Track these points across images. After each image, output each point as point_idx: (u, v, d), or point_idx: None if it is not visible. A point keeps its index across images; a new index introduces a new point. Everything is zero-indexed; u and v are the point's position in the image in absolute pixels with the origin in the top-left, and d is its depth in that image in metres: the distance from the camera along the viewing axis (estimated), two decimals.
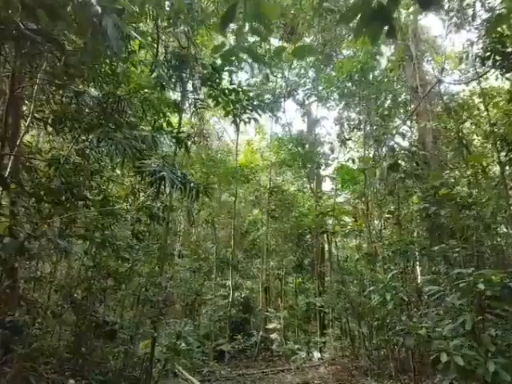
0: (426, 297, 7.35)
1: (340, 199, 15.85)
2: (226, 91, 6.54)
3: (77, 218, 6.67)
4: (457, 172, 9.43)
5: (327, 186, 17.70)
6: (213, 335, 13.83)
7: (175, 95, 8.35)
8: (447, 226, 7.23)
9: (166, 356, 6.46)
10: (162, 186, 5.05)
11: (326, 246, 16.03)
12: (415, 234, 8.48)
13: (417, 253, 7.60)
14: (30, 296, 6.15)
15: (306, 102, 14.67)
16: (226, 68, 6.24)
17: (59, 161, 6.38)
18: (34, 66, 4.56)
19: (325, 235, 16.40)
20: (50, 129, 5.57)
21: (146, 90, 5.76)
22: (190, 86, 6.99)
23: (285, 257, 15.89)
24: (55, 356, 5.63)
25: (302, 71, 13.58)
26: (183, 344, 8.32)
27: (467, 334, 4.66)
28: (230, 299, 14.40)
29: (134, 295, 7.39)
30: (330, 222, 12.79)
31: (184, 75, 6.34)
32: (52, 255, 6.64)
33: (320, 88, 12.80)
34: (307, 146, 13.93)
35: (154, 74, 5.81)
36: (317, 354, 13.41)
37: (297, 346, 13.73)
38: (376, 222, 11.38)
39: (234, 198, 15.12)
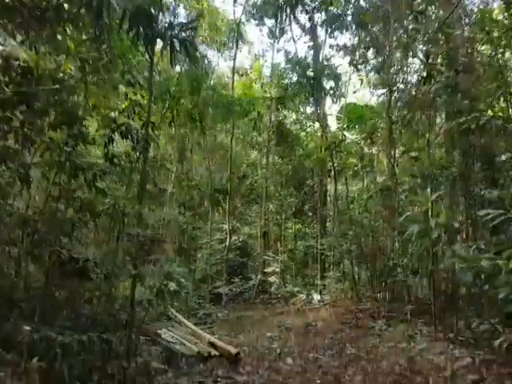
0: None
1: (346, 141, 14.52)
2: None
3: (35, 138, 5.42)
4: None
5: (333, 125, 16.27)
6: (209, 278, 13.23)
7: None
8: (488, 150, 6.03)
9: (150, 297, 5.53)
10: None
11: (330, 190, 15.00)
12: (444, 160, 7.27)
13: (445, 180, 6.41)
14: None
15: (314, 22, 12.65)
16: None
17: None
18: None
19: (328, 178, 15.36)
20: None
21: None
22: None
23: (285, 201, 14.84)
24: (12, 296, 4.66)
25: None
26: (173, 285, 7.47)
27: None
28: (227, 243, 13.59)
29: (112, 230, 6.30)
30: (336, 161, 11.56)
31: None
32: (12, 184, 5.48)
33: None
34: (314, 73, 12.21)
35: None
36: (317, 297, 12.90)
37: (296, 289, 13.19)
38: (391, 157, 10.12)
39: (230, 137, 13.70)
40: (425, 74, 5.92)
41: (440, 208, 6.01)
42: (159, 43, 4.75)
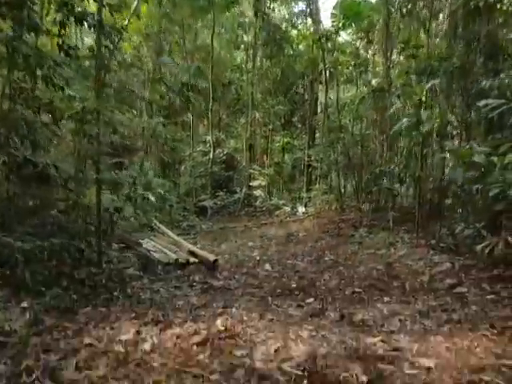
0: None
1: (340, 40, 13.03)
2: None
3: None
4: None
5: (327, 23, 14.50)
6: (194, 192, 13.03)
7: None
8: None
9: (116, 204, 5.15)
10: None
11: (321, 98, 14.03)
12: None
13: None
14: None
15: None
16: None
17: None
18: None
19: (320, 85, 14.25)
20: None
21: None
22: None
23: (272, 110, 13.90)
24: None
25: None
26: (150, 195, 7.13)
27: None
28: (211, 156, 13.06)
29: (77, 134, 5.60)
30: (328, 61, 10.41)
31: None
32: None
33: None
34: None
35: None
36: (301, 209, 12.99)
37: (281, 202, 13.21)
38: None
39: (211, 34, 12.08)
40: None
41: (435, 102, 5.43)
42: None
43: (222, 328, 3.18)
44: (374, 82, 8.95)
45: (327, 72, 10.20)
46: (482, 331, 2.91)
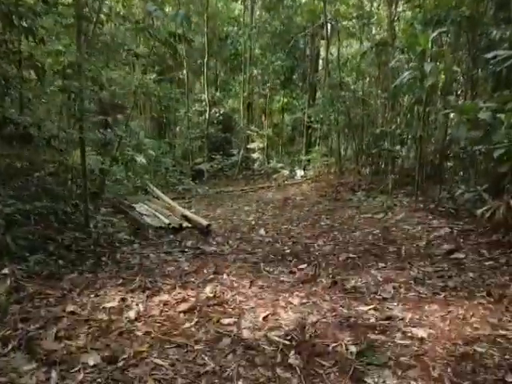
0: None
1: None
2: None
3: None
4: None
5: None
6: (190, 154, 12.72)
7: None
8: None
9: (101, 166, 4.92)
10: None
11: (322, 54, 13.30)
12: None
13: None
14: None
15: None
16: None
17: None
18: None
19: (321, 41, 13.45)
20: None
21: None
22: None
23: (271, 65, 13.20)
24: None
25: None
26: (140, 158, 6.89)
27: None
28: (207, 115, 12.61)
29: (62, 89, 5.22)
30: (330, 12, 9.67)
31: None
32: None
33: None
34: None
35: None
36: (300, 172, 12.78)
37: (279, 165, 12.95)
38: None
39: None
40: None
41: (440, 55, 5.02)
42: None
43: (211, 295, 3.09)
44: (377, 36, 8.33)
45: (329, 25, 9.51)
46: (478, 299, 2.81)
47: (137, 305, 2.87)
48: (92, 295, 3.00)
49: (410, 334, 2.36)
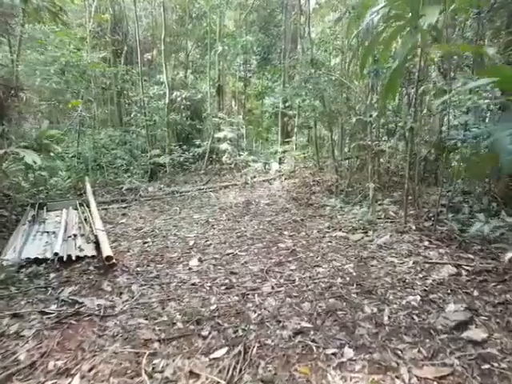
0: None
1: None
2: None
3: None
4: None
5: None
6: (149, 145, 10.95)
7: None
8: None
9: None
10: None
11: (302, 29, 11.51)
12: None
13: None
14: None
15: None
16: None
17: None
18: None
19: (301, 16, 11.65)
20: None
21: None
22: None
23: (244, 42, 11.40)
24: None
25: None
26: (29, 156, 5.15)
27: None
28: (167, 100, 10.80)
29: None
30: None
31: None
32: None
33: None
34: None
35: None
36: (275, 166, 11.17)
37: (252, 157, 11.29)
38: None
39: None
40: None
41: None
42: None
43: None
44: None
45: None
46: None
47: None
48: None
49: None
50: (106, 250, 3.82)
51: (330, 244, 4.29)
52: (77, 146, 9.47)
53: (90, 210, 6.05)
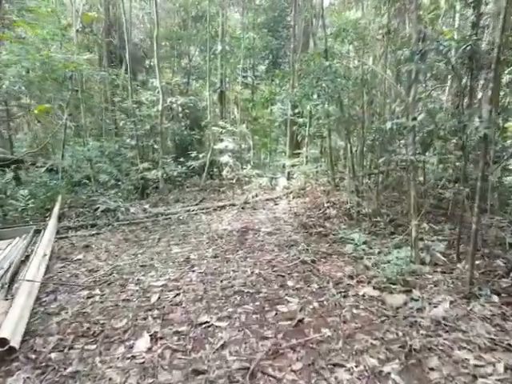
0: None
1: None
2: None
3: None
4: None
5: None
6: (139, 158, 9.63)
7: None
8: None
9: None
10: None
11: (315, 21, 10.21)
12: None
13: None
14: None
15: None
16: None
17: None
18: None
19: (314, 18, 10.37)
20: None
21: None
22: None
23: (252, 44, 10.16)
24: None
25: None
26: None
27: None
28: (160, 107, 9.56)
29: None
30: None
31: None
32: None
33: None
34: None
35: None
36: (283, 182, 9.74)
37: (256, 172, 9.93)
38: None
39: None
40: None
41: None
42: None
43: None
44: None
45: None
46: None
47: None
48: None
49: None
50: (5, 328, 2.44)
51: (355, 313, 2.82)
52: (61, 158, 8.30)
53: (41, 241, 4.74)
